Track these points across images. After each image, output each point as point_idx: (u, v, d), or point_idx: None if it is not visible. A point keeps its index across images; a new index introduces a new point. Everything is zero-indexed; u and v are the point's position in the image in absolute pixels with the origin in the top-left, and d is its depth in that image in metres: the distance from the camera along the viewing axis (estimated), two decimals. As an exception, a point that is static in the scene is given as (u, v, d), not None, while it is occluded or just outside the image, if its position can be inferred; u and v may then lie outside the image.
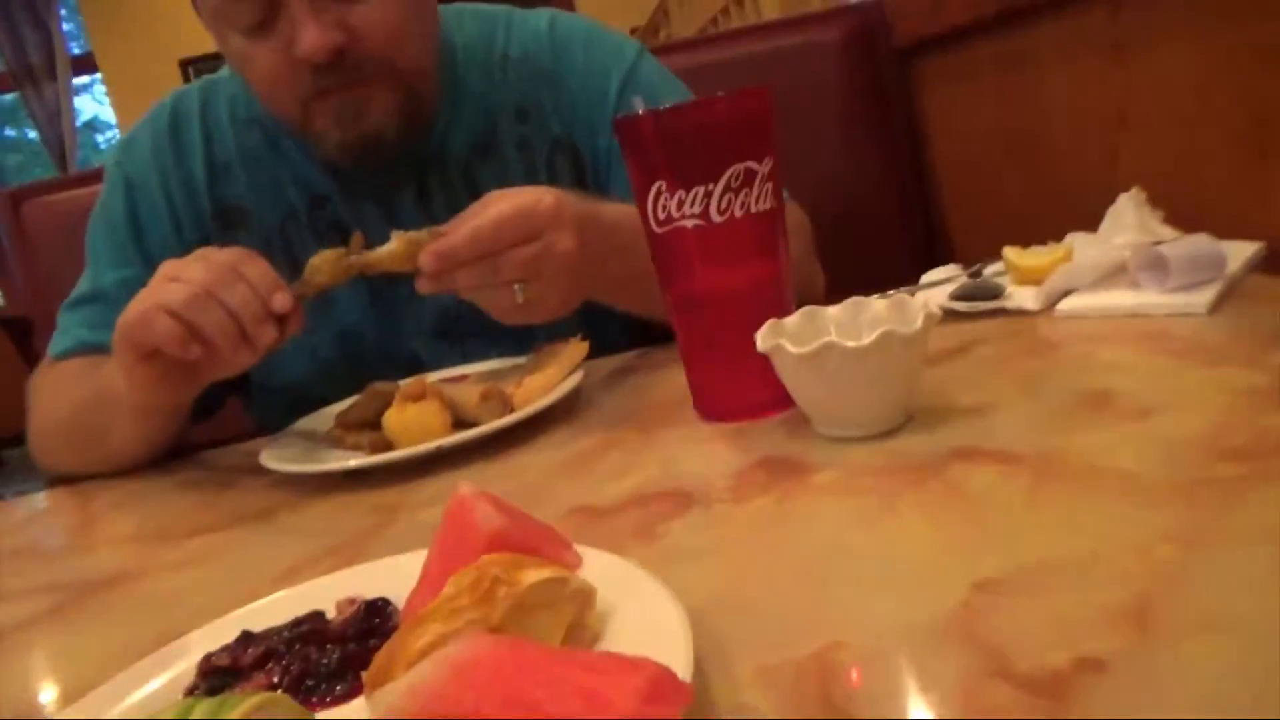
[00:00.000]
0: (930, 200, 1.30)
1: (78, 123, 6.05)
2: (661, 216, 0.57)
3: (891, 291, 0.80)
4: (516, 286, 0.64)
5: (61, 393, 0.82)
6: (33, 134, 6.18)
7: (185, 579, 0.54)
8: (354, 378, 0.87)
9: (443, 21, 0.88)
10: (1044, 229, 0.82)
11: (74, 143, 5.84)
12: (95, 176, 1.19)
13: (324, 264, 0.67)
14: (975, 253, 1.30)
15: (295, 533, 0.58)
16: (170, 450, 0.80)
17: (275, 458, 0.65)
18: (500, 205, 0.64)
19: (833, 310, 0.56)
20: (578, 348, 0.71)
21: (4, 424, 5.69)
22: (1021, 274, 0.74)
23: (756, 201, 0.56)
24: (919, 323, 0.49)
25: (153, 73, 5.43)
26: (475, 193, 0.87)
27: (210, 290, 0.63)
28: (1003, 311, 0.68)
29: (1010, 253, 0.76)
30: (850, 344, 0.48)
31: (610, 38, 0.92)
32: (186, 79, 5.54)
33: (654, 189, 0.57)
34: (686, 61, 1.26)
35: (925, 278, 0.81)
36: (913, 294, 0.77)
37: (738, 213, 0.55)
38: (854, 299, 0.56)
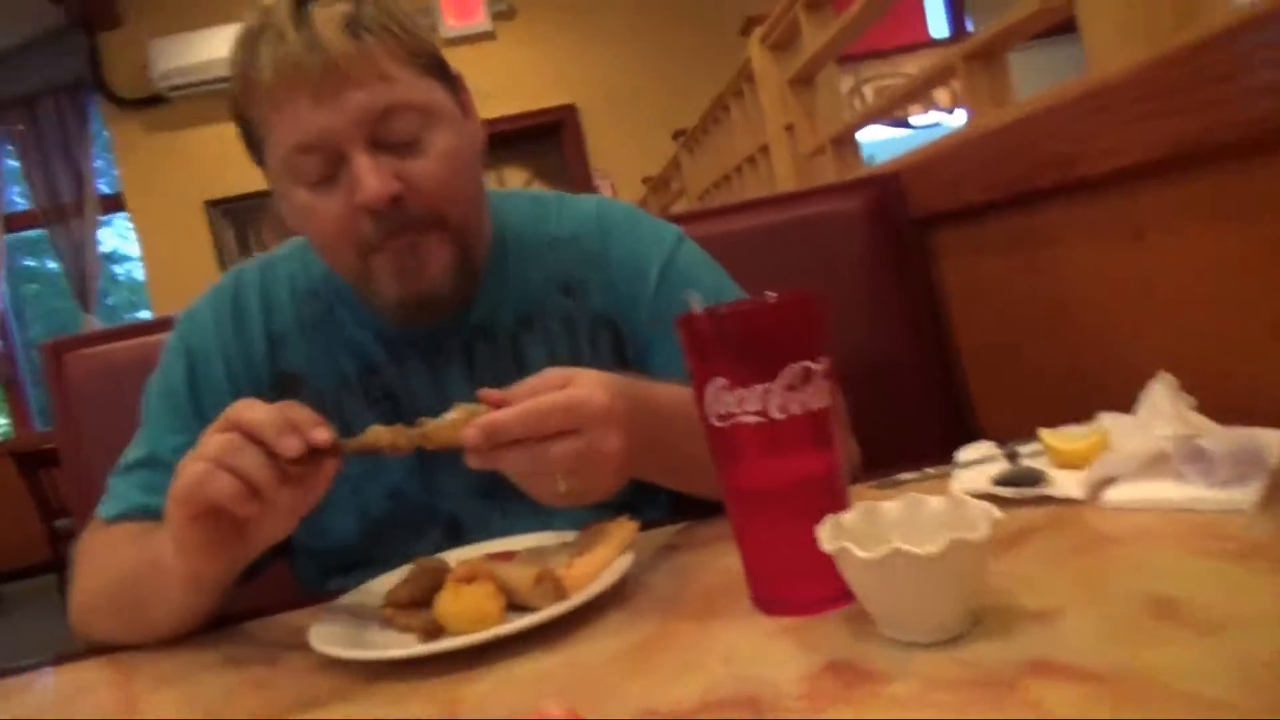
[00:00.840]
0: (953, 370, 1.33)
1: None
2: (721, 411, 0.59)
3: (930, 470, 0.82)
4: (560, 477, 0.65)
5: (109, 557, 0.82)
6: (52, 264, 6.34)
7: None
8: (395, 538, 0.88)
9: (495, 205, 0.94)
10: (1070, 403, 0.84)
11: (96, 274, 5.99)
12: (131, 331, 1.24)
13: (384, 432, 0.69)
14: (1000, 424, 1.31)
15: (351, 725, 0.57)
16: (212, 621, 0.79)
17: (324, 639, 0.65)
18: (554, 395, 0.66)
19: (889, 506, 0.57)
20: (627, 527, 0.72)
21: (5, 558, 5.61)
22: (1060, 457, 0.75)
23: (814, 399, 0.58)
24: (984, 528, 0.50)
25: (179, 213, 5.64)
26: (521, 363, 0.91)
27: (249, 432, 0.65)
28: (1048, 499, 0.69)
29: (1047, 435, 0.77)
30: (919, 551, 0.48)
31: (653, 223, 0.99)
32: (210, 220, 5.74)
33: (712, 385, 0.59)
34: (716, 228, 1.32)
35: (961, 455, 0.82)
36: (951, 474, 0.79)
37: (796, 410, 0.57)
38: (912, 495, 0.57)
